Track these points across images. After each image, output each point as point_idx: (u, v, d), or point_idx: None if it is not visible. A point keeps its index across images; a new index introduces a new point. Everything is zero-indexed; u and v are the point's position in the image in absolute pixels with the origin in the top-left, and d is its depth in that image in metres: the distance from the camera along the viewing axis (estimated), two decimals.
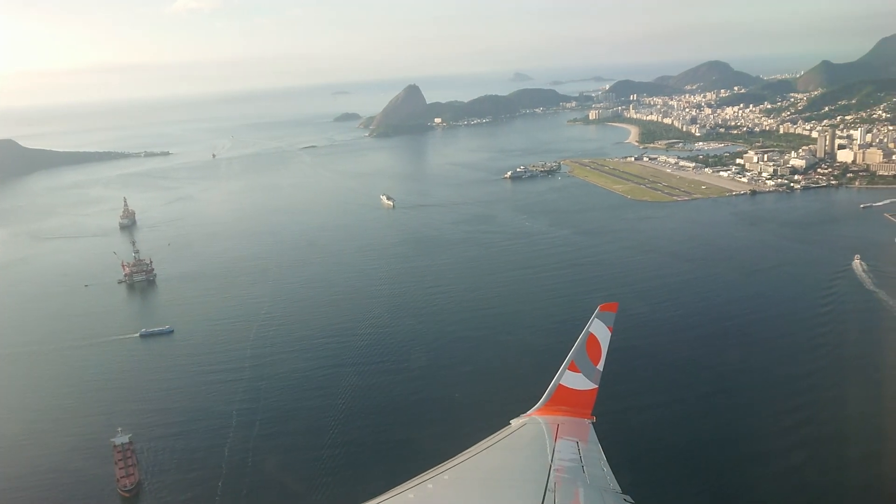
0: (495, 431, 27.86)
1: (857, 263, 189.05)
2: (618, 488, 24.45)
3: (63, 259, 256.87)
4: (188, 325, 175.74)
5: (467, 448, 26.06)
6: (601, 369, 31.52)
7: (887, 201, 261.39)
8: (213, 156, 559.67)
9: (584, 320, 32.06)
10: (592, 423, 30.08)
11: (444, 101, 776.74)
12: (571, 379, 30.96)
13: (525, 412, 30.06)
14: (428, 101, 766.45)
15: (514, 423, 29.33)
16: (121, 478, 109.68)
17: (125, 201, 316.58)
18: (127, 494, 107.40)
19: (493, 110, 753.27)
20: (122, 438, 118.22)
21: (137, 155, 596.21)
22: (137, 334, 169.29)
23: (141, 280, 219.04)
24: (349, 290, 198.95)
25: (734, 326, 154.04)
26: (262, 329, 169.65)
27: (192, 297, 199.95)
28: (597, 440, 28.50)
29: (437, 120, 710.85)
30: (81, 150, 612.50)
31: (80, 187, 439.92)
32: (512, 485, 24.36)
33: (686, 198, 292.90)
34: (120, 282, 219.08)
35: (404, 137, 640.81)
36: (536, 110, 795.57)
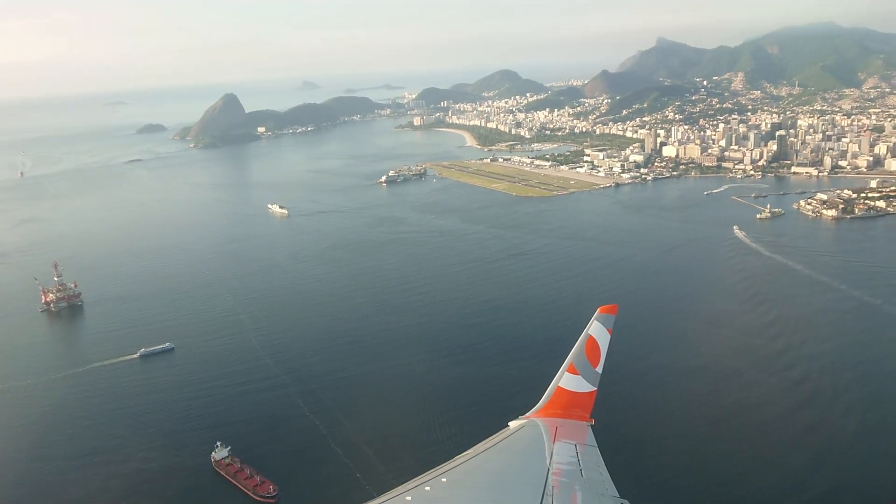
0: (494, 433, 28.31)
1: (739, 234, 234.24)
2: (615, 492, 24.74)
3: None
4: (183, 342, 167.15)
5: (466, 449, 26.58)
6: (600, 372, 31.80)
7: (725, 187, 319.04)
8: (21, 174, 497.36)
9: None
10: (591, 426, 29.97)
11: (260, 110, 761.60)
12: (570, 381, 31.03)
13: (524, 414, 30.36)
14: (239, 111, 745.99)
15: (513, 424, 29.27)
16: (255, 486, 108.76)
17: None
18: (272, 501, 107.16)
19: (314, 118, 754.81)
20: (222, 452, 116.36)
21: None
22: (137, 355, 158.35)
23: (63, 307, 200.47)
24: (320, 294, 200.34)
25: (687, 291, 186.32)
26: (263, 339, 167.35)
27: (152, 319, 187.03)
28: (595, 443, 28.52)
29: (261, 129, 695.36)
30: None
31: None
32: (509, 488, 24.29)
33: (563, 192, 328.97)
34: (42, 310, 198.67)
35: (234, 147, 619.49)
36: (354, 118, 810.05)
